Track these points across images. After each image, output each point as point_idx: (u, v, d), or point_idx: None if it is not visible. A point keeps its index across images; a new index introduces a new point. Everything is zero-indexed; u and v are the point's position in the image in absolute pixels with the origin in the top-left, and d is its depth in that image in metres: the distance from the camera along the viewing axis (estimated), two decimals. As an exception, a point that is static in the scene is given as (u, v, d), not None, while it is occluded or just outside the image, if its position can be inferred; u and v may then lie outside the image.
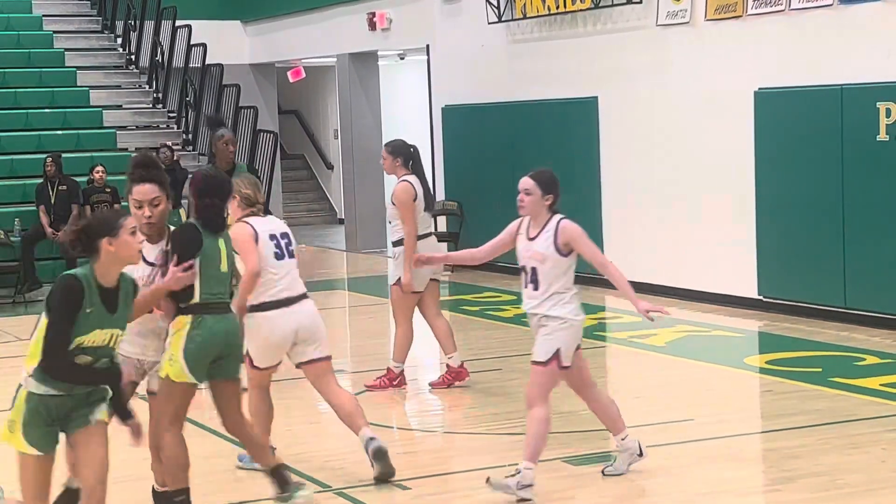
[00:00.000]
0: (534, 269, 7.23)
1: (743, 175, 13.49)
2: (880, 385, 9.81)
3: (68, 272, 5.70)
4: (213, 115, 14.09)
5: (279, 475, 6.89)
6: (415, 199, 10.02)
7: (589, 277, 15.69)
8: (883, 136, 11.97)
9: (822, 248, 12.68)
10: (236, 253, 6.92)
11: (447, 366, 10.41)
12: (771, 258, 13.32)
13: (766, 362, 11.17)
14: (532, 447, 7.07)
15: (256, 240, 7.56)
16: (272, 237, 7.67)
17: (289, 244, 7.73)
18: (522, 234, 7.38)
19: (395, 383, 10.28)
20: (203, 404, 10.31)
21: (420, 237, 10.09)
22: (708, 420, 8.92)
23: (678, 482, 7.46)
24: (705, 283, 14.17)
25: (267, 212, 8.10)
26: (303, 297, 7.72)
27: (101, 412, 5.78)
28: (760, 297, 13.49)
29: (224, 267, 6.68)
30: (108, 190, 16.83)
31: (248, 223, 7.62)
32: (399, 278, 10.06)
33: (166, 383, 6.63)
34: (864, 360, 10.89)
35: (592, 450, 8.20)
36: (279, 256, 7.63)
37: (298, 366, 7.81)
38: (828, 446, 8.09)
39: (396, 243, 10.12)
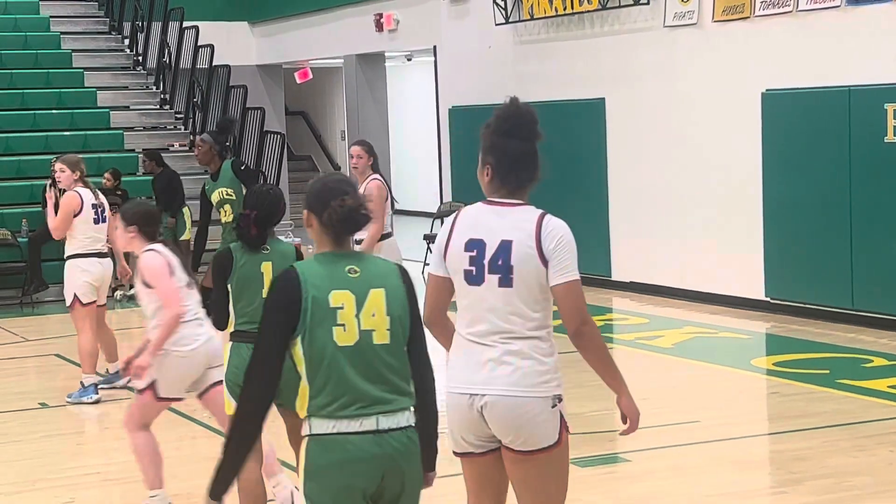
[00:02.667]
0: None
1: (750, 176, 13.48)
2: (888, 387, 9.79)
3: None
4: (223, 119, 14.12)
5: None
6: (386, 199, 10.22)
7: (591, 279, 15.75)
8: (891, 137, 11.95)
9: (830, 250, 12.66)
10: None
11: None
12: (778, 260, 13.31)
13: (774, 364, 11.15)
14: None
15: (81, 208, 10.19)
16: (94, 206, 10.29)
17: (102, 211, 10.33)
18: None
19: None
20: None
21: (383, 236, 10.18)
22: (714, 422, 8.91)
23: (684, 484, 7.44)
24: (712, 285, 14.15)
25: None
26: (106, 254, 10.38)
27: None
28: (767, 299, 13.47)
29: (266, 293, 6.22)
30: (120, 192, 16.77)
31: (77, 193, 10.21)
32: None
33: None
34: (872, 361, 10.87)
35: (599, 451, 8.18)
36: (97, 221, 10.28)
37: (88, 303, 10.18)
38: (835, 448, 8.07)
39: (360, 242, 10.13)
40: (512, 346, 4.54)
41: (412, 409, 4.14)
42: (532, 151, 4.69)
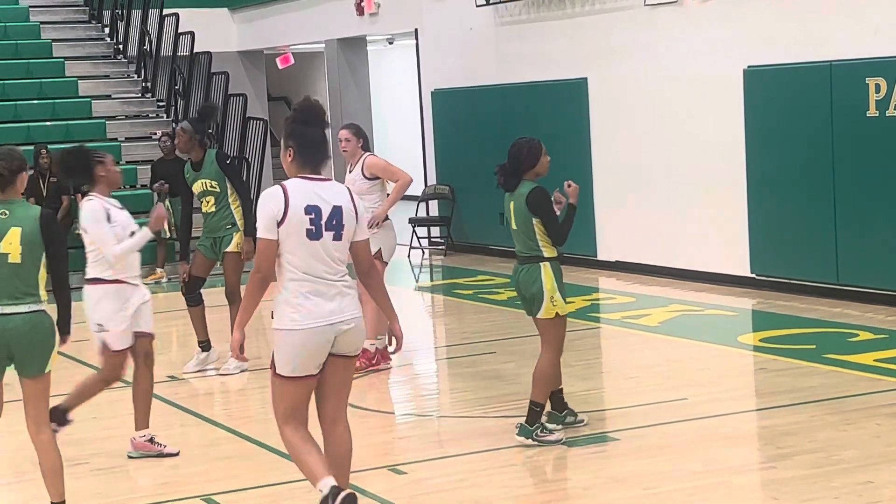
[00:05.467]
0: None
1: (733, 153, 13.49)
2: (874, 361, 9.83)
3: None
4: (205, 105, 14.01)
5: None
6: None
7: (576, 259, 15.76)
8: (872, 111, 11.97)
9: (814, 225, 12.69)
10: None
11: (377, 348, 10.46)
12: (763, 236, 13.34)
13: (760, 340, 11.18)
14: None
15: None
16: None
17: None
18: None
19: (374, 362, 10.28)
20: (199, 394, 10.34)
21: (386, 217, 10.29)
22: (702, 399, 8.93)
23: (673, 461, 7.46)
24: (698, 263, 14.18)
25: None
26: None
27: None
28: (753, 276, 13.50)
29: (513, 224, 7.86)
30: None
31: None
32: (378, 250, 10.02)
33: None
34: (858, 335, 10.91)
35: (588, 431, 8.20)
36: None
37: None
38: (822, 423, 8.10)
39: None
40: (344, 283, 5.97)
41: (38, 302, 6.40)
42: (324, 137, 6.04)
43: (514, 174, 7.90)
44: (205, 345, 10.73)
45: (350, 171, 10.40)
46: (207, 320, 10.69)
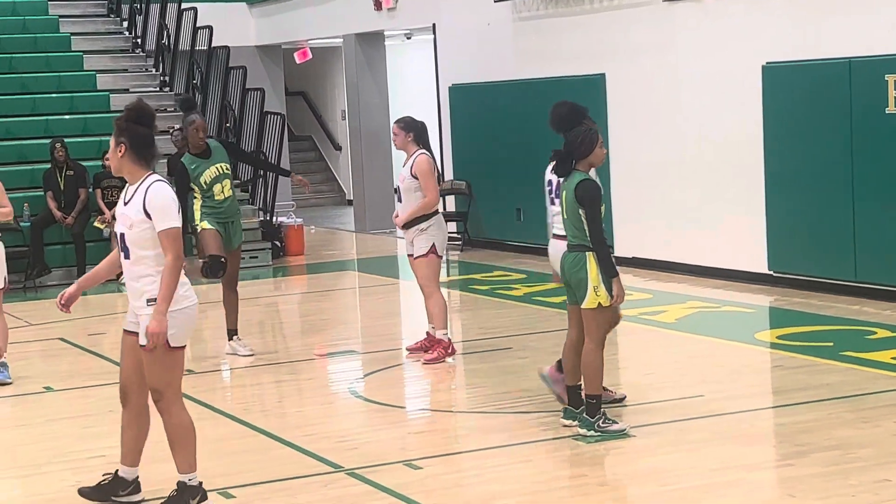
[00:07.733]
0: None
1: (752, 150, 13.47)
2: (891, 358, 9.81)
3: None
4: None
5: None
6: (434, 172, 10.33)
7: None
8: (892, 108, 11.93)
9: (832, 222, 12.66)
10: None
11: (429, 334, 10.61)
12: (781, 233, 13.31)
13: (777, 337, 11.16)
14: None
15: None
16: None
17: None
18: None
19: (449, 351, 10.44)
20: (215, 388, 10.36)
21: (430, 214, 10.26)
22: (719, 396, 8.92)
23: (689, 458, 7.46)
24: (715, 259, 14.15)
25: None
26: None
27: None
28: (770, 272, 13.48)
29: (564, 213, 7.92)
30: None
31: None
32: (432, 245, 10.13)
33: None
34: (875, 333, 10.88)
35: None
36: None
37: None
38: (839, 420, 8.08)
39: (420, 219, 10.20)
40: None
41: None
42: (152, 136, 6.62)
43: (566, 160, 7.94)
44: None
45: (404, 165, 10.44)
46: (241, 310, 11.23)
